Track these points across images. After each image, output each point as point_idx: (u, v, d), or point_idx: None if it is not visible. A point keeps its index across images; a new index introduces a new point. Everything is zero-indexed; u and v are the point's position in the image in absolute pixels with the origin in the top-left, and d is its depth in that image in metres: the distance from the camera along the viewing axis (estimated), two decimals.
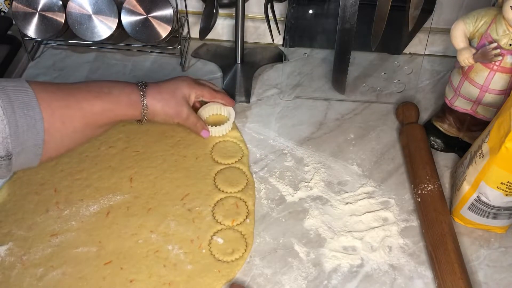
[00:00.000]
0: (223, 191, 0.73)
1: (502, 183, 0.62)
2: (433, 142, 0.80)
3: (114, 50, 0.94)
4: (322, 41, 0.93)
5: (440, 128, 0.80)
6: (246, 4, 0.85)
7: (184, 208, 0.71)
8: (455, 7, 0.91)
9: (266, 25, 0.87)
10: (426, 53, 0.91)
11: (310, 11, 0.88)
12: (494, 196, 0.64)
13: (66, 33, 0.88)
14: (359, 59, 0.92)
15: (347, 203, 0.73)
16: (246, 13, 0.87)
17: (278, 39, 0.95)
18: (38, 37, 0.87)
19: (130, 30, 0.85)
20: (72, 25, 0.85)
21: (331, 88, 0.89)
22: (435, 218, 0.68)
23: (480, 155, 0.65)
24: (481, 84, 0.70)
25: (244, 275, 0.65)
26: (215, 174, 0.75)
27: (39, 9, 0.84)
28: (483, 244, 0.69)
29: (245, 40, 0.90)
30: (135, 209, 0.70)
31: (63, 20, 0.85)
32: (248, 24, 0.94)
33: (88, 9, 0.84)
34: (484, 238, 0.70)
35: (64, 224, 0.68)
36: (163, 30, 0.86)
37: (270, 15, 0.86)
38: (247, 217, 0.70)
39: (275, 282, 0.64)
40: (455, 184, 0.72)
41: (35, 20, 0.85)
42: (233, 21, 0.90)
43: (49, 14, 0.84)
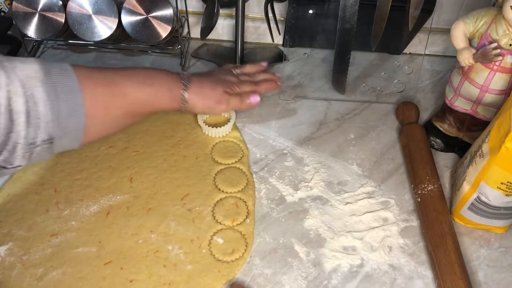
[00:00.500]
0: (223, 191, 0.73)
1: (502, 183, 0.62)
2: (433, 142, 0.80)
3: (114, 50, 0.94)
4: (322, 41, 0.93)
5: (440, 128, 0.80)
6: (246, 4, 0.85)
7: (184, 208, 0.71)
8: (455, 7, 0.91)
9: (266, 25, 0.87)
10: (426, 53, 0.91)
11: (310, 11, 0.88)
12: (494, 196, 0.64)
13: (66, 33, 0.88)
14: (359, 59, 0.92)
15: (347, 203, 0.73)
16: (246, 13, 0.87)
17: (278, 39, 0.95)
18: (38, 37, 0.87)
19: (130, 30, 0.86)
20: (72, 25, 0.85)
21: (331, 88, 0.89)
22: (435, 218, 0.68)
23: (480, 155, 0.65)
24: (481, 84, 0.70)
25: (244, 275, 0.65)
26: (215, 174, 0.75)
27: (39, 9, 0.84)
28: (483, 244, 0.69)
29: (245, 40, 0.90)
30: (135, 209, 0.70)
31: (63, 20, 0.85)
32: (248, 24, 0.94)
33: (88, 9, 0.84)
34: (484, 238, 0.70)
35: (64, 224, 0.68)
36: (163, 30, 0.86)
37: (270, 15, 0.86)
38: (247, 217, 0.70)
39: (275, 282, 0.64)
40: (455, 184, 0.72)
41: (35, 20, 0.85)
42: (233, 21, 0.90)
43: (49, 14, 0.84)
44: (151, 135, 0.80)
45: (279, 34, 0.92)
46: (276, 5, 0.88)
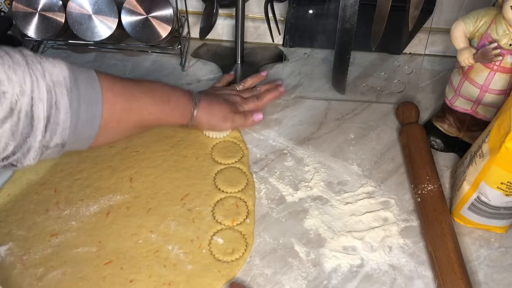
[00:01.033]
0: (223, 191, 0.73)
1: (502, 183, 0.62)
2: (433, 142, 0.80)
3: (114, 50, 0.94)
4: (322, 41, 0.93)
5: (440, 128, 0.80)
6: (246, 4, 0.85)
7: (184, 208, 0.71)
8: (455, 7, 0.91)
9: (266, 25, 0.87)
10: (426, 53, 0.91)
11: (310, 11, 0.88)
12: (494, 196, 0.64)
13: (66, 33, 0.88)
14: (359, 59, 0.92)
15: (347, 203, 0.73)
16: (246, 13, 0.87)
17: (278, 39, 0.95)
18: (38, 37, 0.86)
19: (130, 30, 0.85)
20: (72, 25, 0.85)
21: (331, 88, 0.89)
22: (435, 218, 0.68)
23: (480, 155, 0.65)
24: (481, 84, 0.70)
25: (244, 275, 0.65)
26: (215, 174, 0.75)
27: (39, 9, 0.84)
28: (483, 244, 0.69)
29: (245, 40, 0.90)
30: (135, 209, 0.70)
31: (63, 20, 0.85)
32: (248, 24, 0.94)
33: (88, 9, 0.84)
34: (484, 238, 0.70)
35: (64, 224, 0.68)
36: (163, 30, 0.86)
37: (270, 15, 0.86)
38: (247, 217, 0.70)
39: (275, 282, 0.64)
40: (455, 184, 0.72)
41: (35, 20, 0.85)
42: (233, 21, 0.90)
43: (49, 14, 0.84)
44: (151, 135, 0.80)
45: (279, 34, 0.92)
46: (276, 5, 0.88)
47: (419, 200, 0.71)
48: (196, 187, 0.73)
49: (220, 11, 0.86)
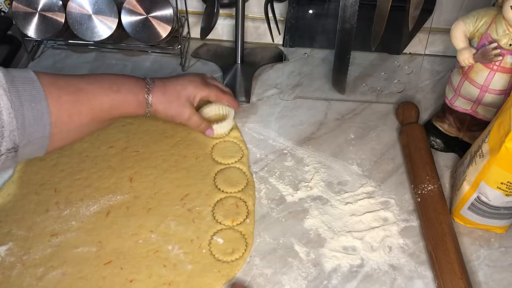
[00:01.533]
0: (223, 191, 0.73)
1: (502, 183, 0.62)
2: (433, 142, 0.80)
3: (114, 50, 0.94)
4: (322, 41, 0.93)
5: (440, 128, 0.80)
6: (246, 4, 0.85)
7: (184, 208, 0.71)
8: (455, 7, 0.91)
9: (266, 25, 0.87)
10: (426, 53, 0.91)
11: (310, 11, 0.88)
12: (494, 196, 0.64)
13: (66, 33, 0.88)
14: (359, 59, 0.92)
15: (347, 203, 0.73)
16: (246, 13, 0.87)
17: (278, 39, 0.95)
18: (38, 37, 0.87)
19: (130, 30, 0.86)
20: (72, 25, 0.85)
21: (331, 88, 0.89)
22: (435, 218, 0.68)
23: (480, 155, 0.65)
24: (481, 84, 0.70)
25: (244, 275, 0.65)
26: (215, 174, 0.75)
27: (39, 9, 0.84)
28: (483, 244, 0.69)
29: (245, 40, 0.90)
30: (135, 209, 0.70)
31: (63, 20, 0.85)
32: (248, 24, 0.94)
33: (88, 9, 0.84)
34: (484, 238, 0.70)
35: (64, 224, 0.68)
36: (163, 30, 0.86)
37: (270, 15, 0.86)
38: (247, 217, 0.70)
39: (275, 282, 0.64)
40: (455, 184, 0.72)
41: (35, 20, 0.85)
42: (233, 21, 0.90)
43: (49, 14, 0.84)
44: (151, 135, 0.80)
45: (279, 34, 0.92)
46: (276, 5, 0.88)
47: (419, 200, 0.71)
48: (196, 187, 0.73)
49: (220, 11, 0.86)
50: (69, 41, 0.91)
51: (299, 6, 0.85)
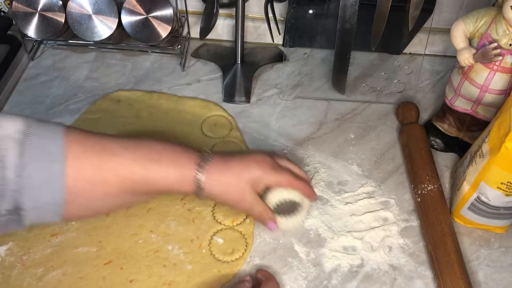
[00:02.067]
0: None
1: (502, 183, 0.62)
2: (433, 142, 0.80)
3: (114, 50, 0.94)
4: (322, 41, 0.93)
5: (440, 128, 0.80)
6: (246, 4, 0.85)
7: (184, 208, 0.71)
8: (455, 7, 0.91)
9: (266, 25, 0.87)
10: (426, 53, 0.91)
11: (310, 11, 0.88)
12: (494, 196, 0.64)
13: (66, 33, 0.88)
14: (359, 59, 0.92)
15: (347, 203, 0.73)
16: (246, 13, 0.87)
17: (278, 39, 0.95)
18: (38, 37, 0.87)
19: (130, 30, 0.86)
20: (72, 25, 0.85)
21: (331, 88, 0.89)
22: (435, 218, 0.68)
23: (480, 155, 0.65)
24: (481, 84, 0.70)
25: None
26: None
27: (39, 9, 0.84)
28: (483, 244, 0.69)
29: (245, 40, 0.90)
30: (135, 209, 0.70)
31: (63, 20, 0.85)
32: (248, 24, 0.94)
33: (88, 9, 0.84)
34: (484, 238, 0.70)
35: (64, 224, 0.68)
36: (163, 30, 0.86)
37: (270, 15, 0.86)
38: (247, 217, 0.70)
39: None
40: (455, 184, 0.72)
41: (35, 20, 0.85)
42: (233, 21, 0.90)
43: (49, 14, 0.84)
44: (151, 135, 0.79)
45: (279, 34, 0.92)
46: (276, 5, 0.88)
47: (419, 200, 0.71)
48: None
49: (220, 11, 0.86)
50: (69, 41, 0.91)
51: (299, 6, 0.85)
